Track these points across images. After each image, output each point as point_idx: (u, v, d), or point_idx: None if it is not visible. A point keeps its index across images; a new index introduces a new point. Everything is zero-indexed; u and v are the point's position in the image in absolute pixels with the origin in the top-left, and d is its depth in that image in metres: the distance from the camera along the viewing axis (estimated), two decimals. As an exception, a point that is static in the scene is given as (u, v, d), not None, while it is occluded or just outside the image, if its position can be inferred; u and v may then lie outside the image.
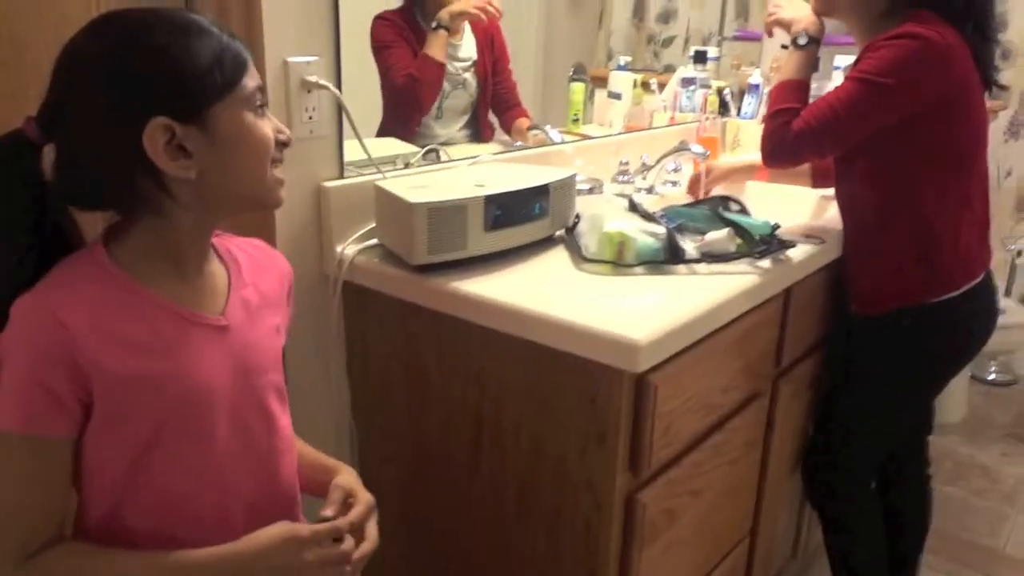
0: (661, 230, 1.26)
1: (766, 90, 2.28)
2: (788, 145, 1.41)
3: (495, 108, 1.84)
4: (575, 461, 1.12)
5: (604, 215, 1.30)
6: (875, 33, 1.38)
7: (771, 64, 2.50)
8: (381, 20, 1.57)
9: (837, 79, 2.40)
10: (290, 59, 1.22)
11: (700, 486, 1.28)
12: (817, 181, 1.73)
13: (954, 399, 2.81)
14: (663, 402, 1.09)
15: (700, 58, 2.26)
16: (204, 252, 0.85)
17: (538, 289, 1.16)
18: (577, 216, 1.37)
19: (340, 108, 1.30)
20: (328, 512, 0.88)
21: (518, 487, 1.21)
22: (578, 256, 1.27)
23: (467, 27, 1.73)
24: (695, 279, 1.22)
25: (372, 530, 0.91)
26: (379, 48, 1.56)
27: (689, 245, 1.26)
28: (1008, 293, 3.14)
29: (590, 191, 1.63)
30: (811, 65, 1.52)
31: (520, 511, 1.22)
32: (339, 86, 1.29)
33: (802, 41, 1.50)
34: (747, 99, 2.27)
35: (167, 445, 0.80)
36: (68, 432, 0.76)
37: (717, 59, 2.45)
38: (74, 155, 0.76)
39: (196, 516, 0.83)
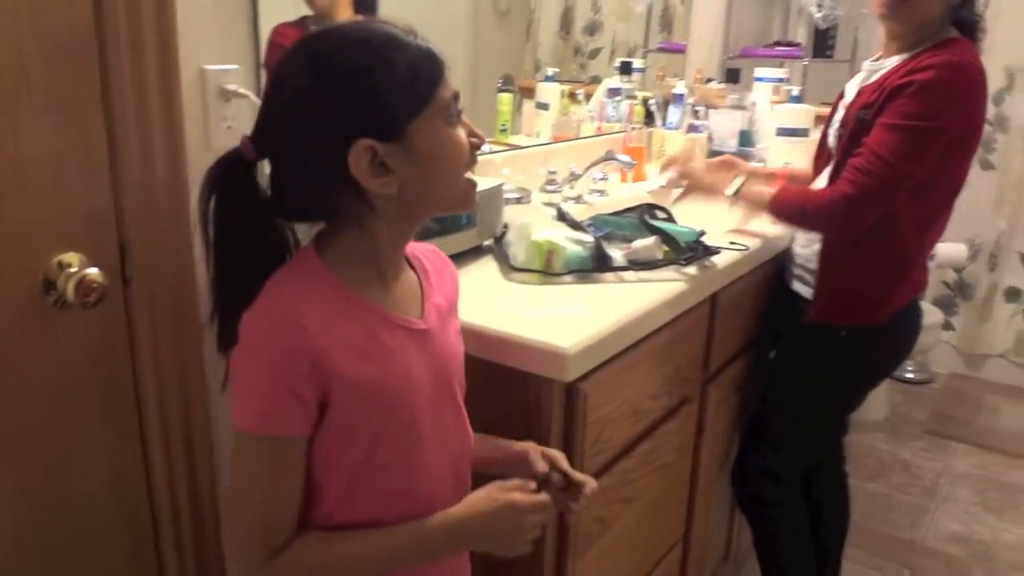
0: (589, 238, 1.26)
1: (690, 101, 2.33)
2: (842, 219, 1.40)
3: None
4: (508, 472, 1.11)
5: (532, 224, 1.30)
6: (927, 36, 1.40)
7: (694, 75, 2.56)
8: (277, 36, 1.41)
9: (760, 89, 2.47)
10: (207, 67, 1.18)
11: (632, 493, 1.28)
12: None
13: (875, 399, 2.91)
14: (594, 410, 1.09)
15: (626, 69, 2.30)
16: (401, 258, 0.88)
17: (466, 300, 1.14)
18: (505, 226, 1.37)
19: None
20: (539, 467, 0.93)
21: (450, 500, 1.19)
22: (507, 266, 1.27)
23: None
24: (623, 287, 1.23)
25: (578, 474, 0.95)
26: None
27: (616, 253, 1.28)
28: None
29: (518, 200, 1.63)
30: (761, 190, 1.51)
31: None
32: (260, 95, 1.26)
33: (735, 188, 1.53)
34: (672, 109, 2.31)
35: (387, 444, 0.83)
36: (308, 431, 0.79)
37: (642, 70, 2.50)
38: (285, 174, 0.80)
39: (407, 512, 0.85)
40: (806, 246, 1.58)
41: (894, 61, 1.43)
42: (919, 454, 2.74)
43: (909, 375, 3.30)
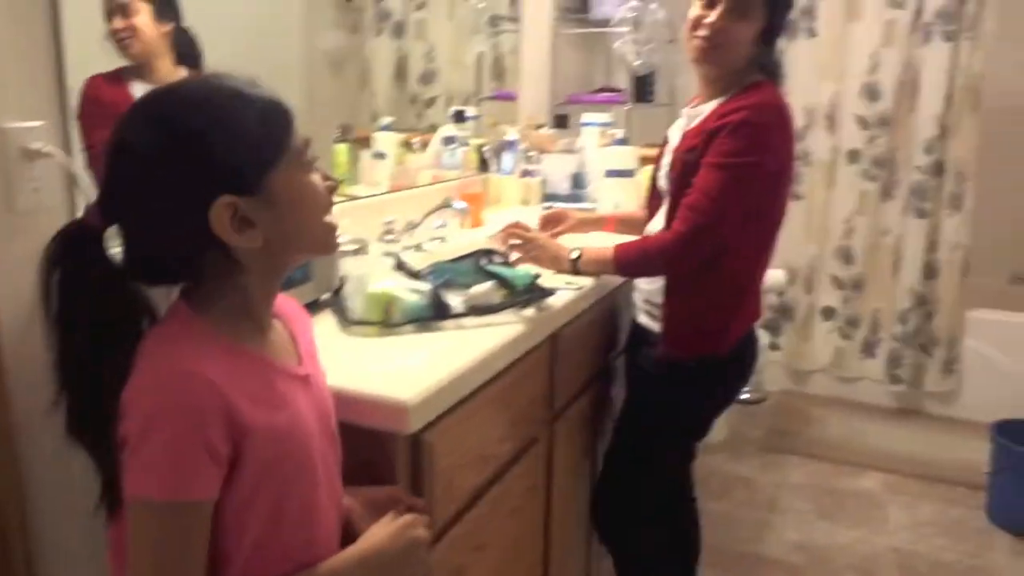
0: (426, 287, 1.27)
1: (522, 146, 2.41)
2: (681, 255, 1.49)
3: None
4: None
5: (369, 275, 1.29)
6: (735, 81, 1.53)
7: (525, 122, 2.64)
8: (91, 88, 1.32)
9: (588, 134, 2.59)
10: (8, 125, 1.10)
11: (485, 539, 1.28)
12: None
13: (716, 421, 3.06)
14: (440, 460, 1.09)
15: (460, 118, 2.35)
16: (271, 307, 0.88)
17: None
18: (342, 278, 1.35)
19: (70, 177, 1.19)
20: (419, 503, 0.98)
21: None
22: (345, 319, 1.25)
23: (186, 76, 1.63)
24: (463, 333, 1.24)
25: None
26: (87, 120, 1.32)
27: (455, 300, 1.28)
28: (750, 319, 3.51)
29: (356, 252, 1.61)
30: (599, 255, 1.58)
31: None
32: (70, 152, 1.19)
33: (575, 255, 1.58)
34: (505, 156, 2.37)
35: (292, 494, 0.82)
36: (216, 495, 0.76)
37: (476, 118, 2.55)
38: (142, 238, 0.78)
39: (307, 562, 0.84)
40: (651, 282, 1.65)
41: (711, 105, 1.55)
42: (758, 470, 2.91)
43: (745, 395, 3.50)
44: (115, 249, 0.81)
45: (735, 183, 1.46)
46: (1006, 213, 3.74)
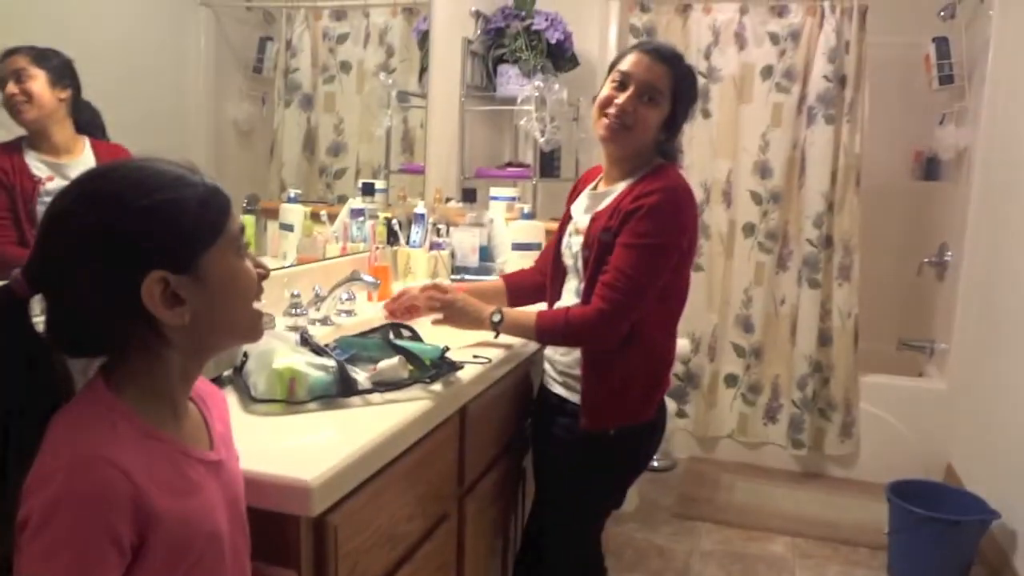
0: (332, 363, 1.24)
1: (431, 219, 2.42)
2: (602, 331, 1.55)
3: None
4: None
5: (273, 351, 1.25)
6: (644, 162, 1.61)
7: (434, 195, 2.67)
8: None
9: (496, 207, 2.63)
10: None
11: (395, 623, 1.23)
12: (513, 301, 1.85)
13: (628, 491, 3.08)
14: (345, 542, 1.05)
15: (368, 190, 2.35)
16: (189, 391, 0.88)
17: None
18: (245, 354, 1.31)
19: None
20: None
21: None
22: (247, 397, 1.21)
23: (87, 145, 1.59)
24: (369, 410, 1.21)
25: None
26: None
27: (362, 376, 1.26)
28: (658, 387, 3.57)
29: (261, 327, 1.57)
30: (522, 318, 1.63)
31: None
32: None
33: (496, 319, 1.62)
34: (414, 228, 2.38)
35: None
36: None
37: (385, 191, 2.57)
38: (70, 309, 0.79)
39: None
40: (565, 354, 1.68)
41: (621, 187, 1.61)
42: (670, 538, 2.92)
43: (655, 463, 3.54)
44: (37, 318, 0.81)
45: (652, 261, 1.53)
46: (889, 282, 3.98)
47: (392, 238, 2.34)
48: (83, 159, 1.52)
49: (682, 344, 3.50)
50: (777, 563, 2.77)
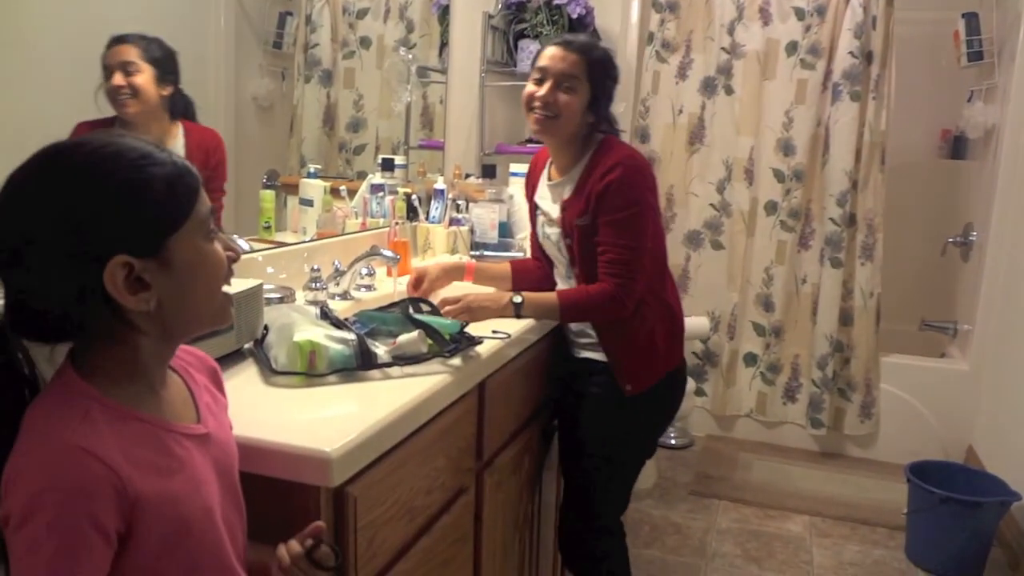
0: (352, 336, 1.25)
1: (450, 195, 2.42)
2: (620, 304, 1.66)
3: None
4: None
5: (294, 324, 1.26)
6: (583, 147, 1.72)
7: (453, 171, 2.66)
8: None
9: (515, 183, 2.62)
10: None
11: (413, 594, 1.25)
12: (517, 284, 1.90)
13: (645, 467, 3.08)
14: (364, 513, 1.06)
15: (388, 166, 2.35)
16: (165, 367, 0.86)
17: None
18: (266, 327, 1.32)
19: None
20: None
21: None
22: (268, 369, 1.21)
23: (180, 131, 1.64)
24: (389, 383, 1.22)
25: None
26: None
27: (381, 349, 1.27)
28: (676, 366, 3.56)
29: (281, 300, 1.58)
30: (544, 299, 1.70)
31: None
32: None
33: (518, 300, 1.67)
34: (434, 204, 2.38)
35: (195, 560, 0.80)
36: (106, 572, 0.73)
37: (405, 166, 2.56)
38: (31, 292, 0.76)
39: None
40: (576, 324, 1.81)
41: (578, 170, 1.71)
42: (687, 515, 2.93)
43: (672, 441, 3.54)
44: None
45: (639, 227, 1.65)
46: (913, 262, 3.93)
47: (412, 214, 2.34)
48: (176, 146, 1.57)
49: (701, 322, 3.49)
50: (794, 541, 2.77)
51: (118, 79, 1.48)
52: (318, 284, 1.75)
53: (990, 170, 3.35)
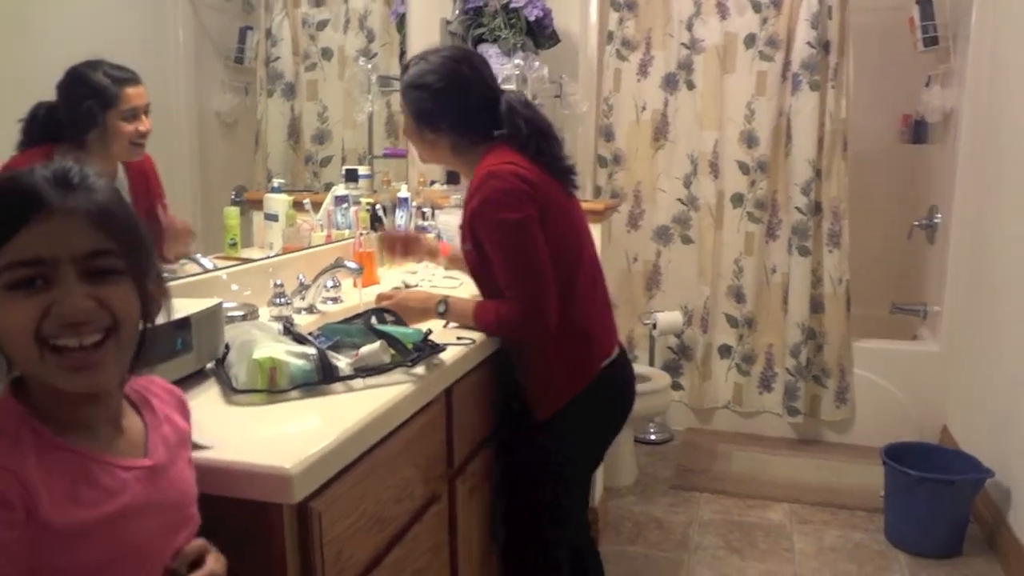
0: (313, 351, 1.25)
1: (415, 203, 2.42)
2: (529, 325, 1.55)
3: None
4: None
5: (254, 342, 1.26)
6: (469, 163, 1.64)
7: (418, 179, 2.66)
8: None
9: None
10: None
11: (387, 604, 1.25)
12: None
13: (625, 464, 3.10)
14: (330, 528, 1.06)
15: (351, 176, 2.35)
16: (95, 403, 0.81)
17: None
18: (227, 346, 1.32)
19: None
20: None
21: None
22: (229, 388, 1.21)
23: (120, 169, 1.61)
24: (351, 396, 1.22)
25: None
26: None
27: (343, 362, 1.27)
28: (652, 362, 3.59)
29: (244, 317, 1.58)
30: (464, 308, 1.63)
31: None
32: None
33: (441, 309, 1.64)
34: (399, 212, 2.38)
35: None
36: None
37: (370, 176, 2.56)
38: None
39: None
40: None
41: (465, 195, 1.65)
42: (668, 509, 2.94)
43: (652, 436, 3.56)
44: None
45: (521, 245, 1.53)
46: (880, 247, 3.98)
47: (377, 223, 2.34)
48: (118, 174, 1.57)
49: (674, 316, 3.51)
50: (775, 530, 2.80)
51: (146, 123, 1.47)
52: (282, 299, 1.74)
53: (950, 153, 3.40)
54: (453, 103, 1.62)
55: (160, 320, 0.87)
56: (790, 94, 3.37)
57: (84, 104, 1.44)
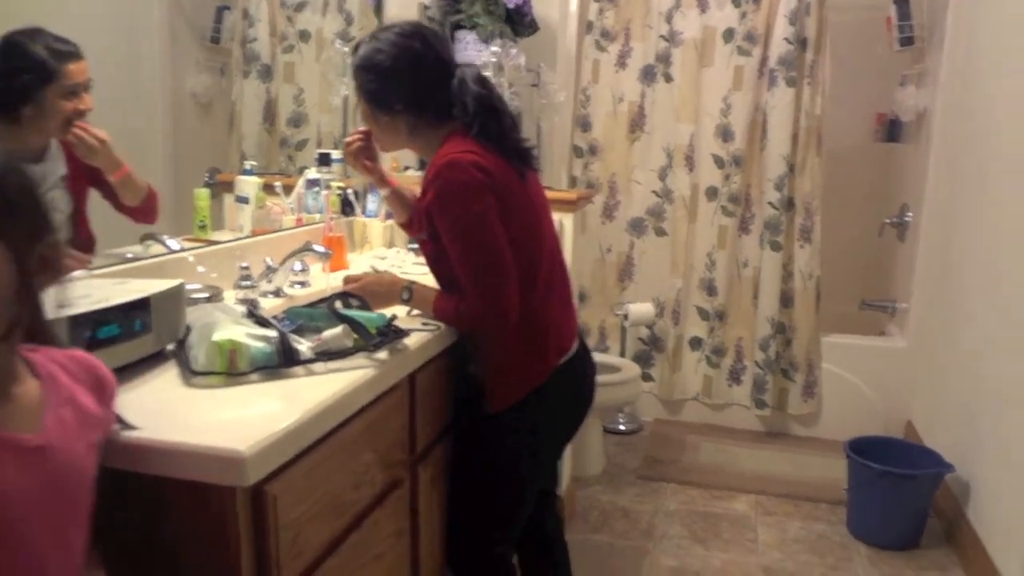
0: (274, 334, 1.24)
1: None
2: (490, 317, 1.51)
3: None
4: (200, 593, 1.03)
5: (215, 324, 1.25)
6: (428, 147, 1.60)
7: (391, 164, 2.65)
8: None
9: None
10: None
11: (344, 589, 1.25)
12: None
13: (593, 454, 3.12)
14: (286, 512, 1.05)
15: (324, 160, 2.33)
16: (9, 372, 0.81)
17: (141, 413, 1.06)
18: (188, 328, 1.31)
19: None
20: None
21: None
22: (188, 371, 1.20)
23: (53, 144, 1.57)
24: (312, 379, 1.21)
25: None
26: None
27: (305, 345, 1.26)
28: (623, 353, 3.60)
29: (209, 299, 1.56)
30: (426, 296, 1.59)
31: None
32: None
33: (405, 296, 1.60)
34: (370, 198, 2.37)
35: None
36: None
37: (342, 160, 2.54)
38: None
39: None
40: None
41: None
42: (635, 499, 2.97)
43: (621, 426, 3.59)
44: None
45: (478, 237, 1.48)
46: (852, 244, 4.02)
47: (347, 208, 2.33)
48: (56, 153, 1.52)
49: (646, 308, 3.53)
50: (740, 521, 2.83)
51: (86, 101, 1.40)
52: (248, 282, 1.73)
53: (922, 152, 3.44)
54: (405, 82, 1.55)
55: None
56: (766, 89, 3.39)
57: (21, 77, 1.37)
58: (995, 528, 2.38)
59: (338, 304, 1.46)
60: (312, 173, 2.28)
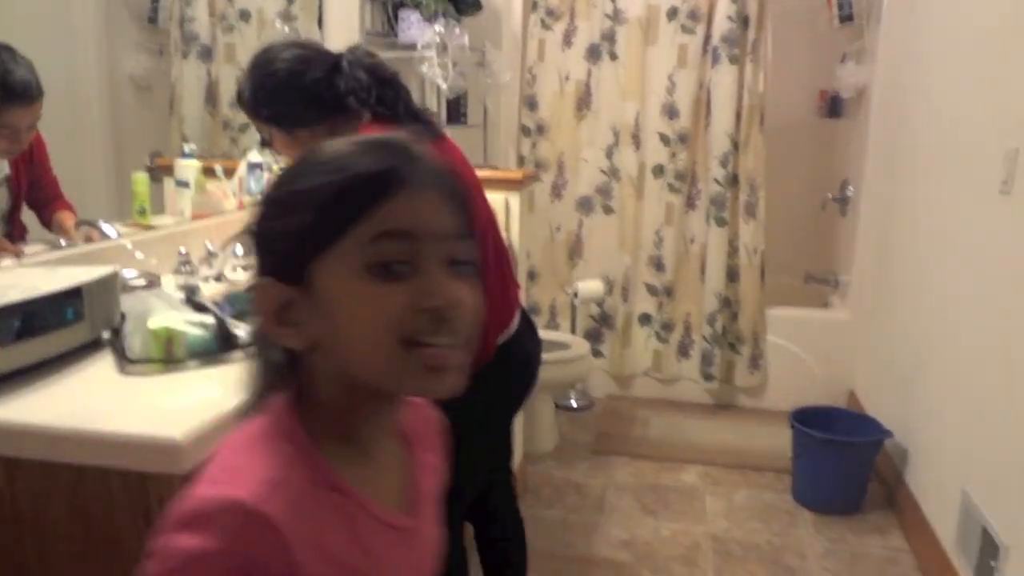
0: (211, 319, 1.23)
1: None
2: None
3: (33, 206, 1.67)
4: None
5: (151, 311, 1.23)
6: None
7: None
8: None
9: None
10: None
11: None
12: None
13: (546, 430, 3.16)
14: (226, 497, 1.05)
15: (266, 143, 2.29)
16: (381, 432, 0.71)
17: (74, 403, 1.05)
18: (123, 316, 1.29)
19: None
20: None
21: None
22: (123, 359, 1.19)
23: None
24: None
25: None
26: None
27: (244, 331, 1.25)
28: (573, 330, 3.64)
29: (147, 286, 1.54)
30: None
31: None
32: None
33: None
34: (314, 180, 2.34)
35: None
36: None
37: (285, 142, 2.51)
38: None
39: None
40: None
41: None
42: (586, 474, 3.01)
43: (573, 403, 3.63)
44: None
45: None
46: (795, 219, 4.10)
47: (291, 191, 2.30)
48: None
49: (595, 285, 3.57)
50: (688, 492, 2.89)
51: (23, 143, 1.45)
52: (188, 268, 1.71)
53: (861, 128, 3.52)
54: (302, 86, 1.47)
55: None
56: (710, 67, 3.42)
57: None
58: (931, 491, 2.48)
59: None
60: (254, 156, 2.25)
